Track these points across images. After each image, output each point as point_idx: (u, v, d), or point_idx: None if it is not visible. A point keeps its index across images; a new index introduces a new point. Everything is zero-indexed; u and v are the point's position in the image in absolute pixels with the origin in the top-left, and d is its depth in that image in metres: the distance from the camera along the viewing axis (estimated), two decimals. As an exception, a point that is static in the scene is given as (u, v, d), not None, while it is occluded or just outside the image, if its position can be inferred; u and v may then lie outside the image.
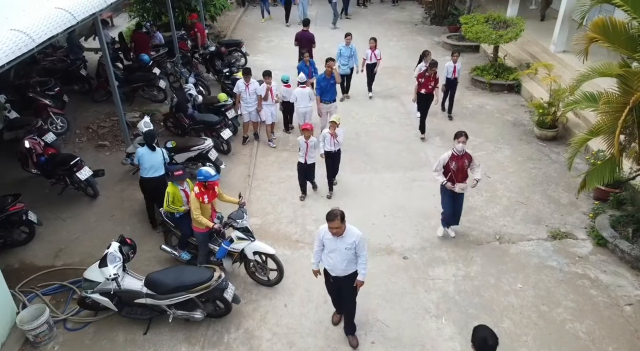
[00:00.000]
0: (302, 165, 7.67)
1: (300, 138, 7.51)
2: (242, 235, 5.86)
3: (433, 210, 7.57)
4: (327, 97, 9.22)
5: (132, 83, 11.01)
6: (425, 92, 9.34)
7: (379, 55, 11.22)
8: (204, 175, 5.75)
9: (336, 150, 7.75)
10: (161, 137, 9.80)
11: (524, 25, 11.71)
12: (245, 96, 9.12)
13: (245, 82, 9.09)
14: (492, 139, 9.71)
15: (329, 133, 7.49)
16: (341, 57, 10.98)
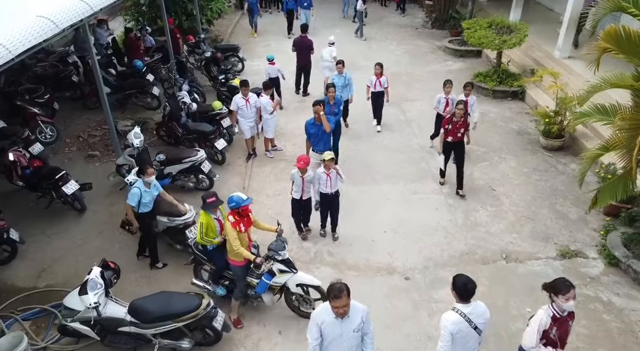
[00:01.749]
0: (297, 202, 6.82)
1: (294, 171, 6.55)
2: (283, 267, 5.33)
3: (435, 225, 7.25)
4: (319, 147, 7.57)
5: (124, 90, 10.69)
6: (453, 140, 7.65)
7: (385, 83, 9.57)
8: (235, 202, 5.17)
9: (333, 192, 6.63)
10: (154, 146, 9.51)
11: (528, 31, 11.39)
12: (246, 111, 8.57)
13: (244, 96, 8.53)
14: (496, 149, 9.37)
15: (324, 173, 6.46)
16: (337, 89, 9.07)
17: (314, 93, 12.21)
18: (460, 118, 7.47)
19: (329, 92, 8.26)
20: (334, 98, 8.27)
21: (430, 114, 10.92)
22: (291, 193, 6.79)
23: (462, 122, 7.56)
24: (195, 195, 8.04)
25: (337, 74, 9.46)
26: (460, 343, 4.02)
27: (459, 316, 3.97)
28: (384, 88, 9.62)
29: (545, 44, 12.72)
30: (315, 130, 7.49)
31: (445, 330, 3.96)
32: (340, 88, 9.23)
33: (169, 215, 7.01)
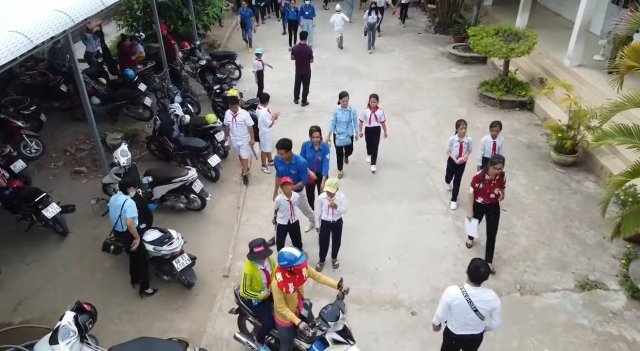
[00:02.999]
0: (284, 228, 6.20)
1: (279, 197, 5.98)
2: (338, 337, 4.55)
3: (443, 250, 6.76)
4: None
5: (115, 100, 10.21)
6: (485, 202, 6.12)
7: (381, 117, 8.20)
8: (287, 260, 4.47)
9: (336, 220, 6.16)
10: (144, 161, 9.04)
11: (536, 39, 10.90)
12: (232, 128, 8.03)
13: (232, 112, 7.96)
14: (506, 164, 8.71)
15: (327, 200, 5.95)
16: (337, 124, 8.12)
17: (313, 102, 11.74)
18: (495, 177, 5.93)
19: (313, 137, 6.92)
20: (318, 143, 6.94)
21: (435, 126, 10.51)
22: (274, 221, 6.27)
23: (497, 182, 6.01)
24: (186, 215, 7.59)
25: (341, 108, 8.07)
26: (460, 317, 4.31)
27: (459, 292, 4.23)
28: (380, 123, 8.26)
29: (553, 51, 12.24)
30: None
31: (442, 300, 4.35)
32: (344, 124, 8.05)
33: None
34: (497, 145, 7.15)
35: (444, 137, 9.95)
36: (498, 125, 7.14)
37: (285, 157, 6.39)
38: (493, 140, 7.16)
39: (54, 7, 6.32)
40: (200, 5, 14.59)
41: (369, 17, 14.42)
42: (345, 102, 8.07)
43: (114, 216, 5.66)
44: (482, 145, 7.29)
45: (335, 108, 8.21)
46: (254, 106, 9.58)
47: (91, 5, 7.08)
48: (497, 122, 7.20)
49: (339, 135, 8.16)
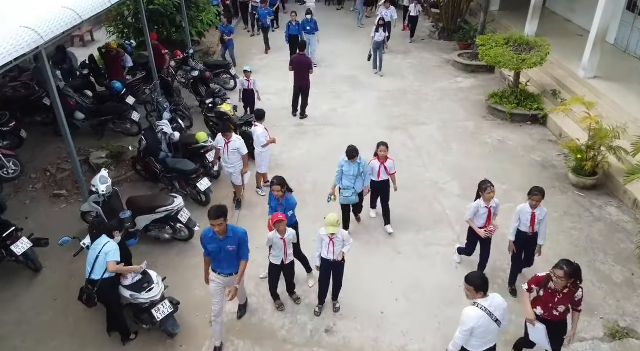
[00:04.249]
0: (277, 268, 5.60)
1: (272, 234, 5.38)
2: None
3: (456, 290, 6.07)
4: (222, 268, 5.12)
5: (100, 115, 9.56)
6: (545, 315, 4.56)
7: (391, 169, 6.89)
8: None
9: (337, 260, 5.45)
10: (130, 183, 8.41)
11: (549, 49, 10.27)
12: (224, 155, 7.37)
13: (226, 139, 7.27)
14: (520, 186, 8.21)
15: (328, 237, 5.30)
16: (344, 177, 6.69)
17: (313, 114, 11.10)
18: (563, 289, 4.36)
19: (273, 190, 5.77)
20: (281, 197, 5.80)
21: (442, 141, 9.85)
22: (269, 258, 5.63)
23: (566, 296, 4.39)
24: (172, 246, 6.93)
25: (348, 160, 6.63)
26: (480, 337, 4.13)
27: (480, 311, 4.04)
28: (389, 175, 6.95)
29: (566, 61, 11.60)
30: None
31: (466, 326, 4.06)
32: (351, 178, 6.66)
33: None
34: (538, 218, 5.62)
35: (452, 154, 9.35)
36: (540, 194, 5.53)
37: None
38: (532, 211, 5.59)
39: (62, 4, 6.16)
40: (195, 11, 13.96)
41: (376, 34, 12.88)
42: (354, 160, 6.59)
43: (90, 259, 5.02)
44: (516, 214, 5.73)
45: (341, 160, 6.72)
46: (249, 123, 8.95)
47: (98, 2, 6.88)
48: (538, 190, 5.58)
49: (345, 190, 6.73)
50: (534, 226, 5.65)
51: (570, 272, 4.27)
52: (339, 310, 5.80)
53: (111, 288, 5.07)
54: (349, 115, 11.17)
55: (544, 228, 5.75)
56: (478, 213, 5.86)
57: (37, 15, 5.73)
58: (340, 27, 17.64)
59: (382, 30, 12.91)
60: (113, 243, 5.00)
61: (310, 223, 7.46)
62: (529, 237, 5.76)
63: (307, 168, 8.98)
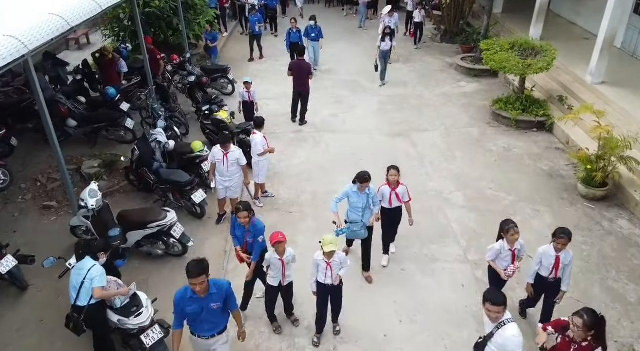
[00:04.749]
0: (275, 290, 5.29)
1: (270, 255, 5.07)
2: None
3: (463, 311, 5.81)
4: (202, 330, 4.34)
5: (93, 122, 9.27)
6: None
7: (404, 196, 6.11)
8: None
9: (334, 285, 5.08)
10: (122, 193, 8.12)
11: (556, 54, 9.97)
12: (221, 168, 6.93)
13: (224, 150, 6.90)
14: (527, 197, 7.94)
15: (325, 262, 4.93)
16: (350, 209, 5.94)
17: (312, 121, 10.81)
18: (581, 341, 3.89)
19: (239, 217, 5.20)
20: (247, 224, 5.26)
21: (445, 149, 9.55)
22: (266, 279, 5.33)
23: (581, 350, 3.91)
24: (165, 262, 6.63)
25: (356, 190, 5.83)
26: None
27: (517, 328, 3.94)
28: (403, 203, 6.20)
29: (572, 65, 11.30)
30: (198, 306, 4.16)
31: None
32: (359, 210, 5.85)
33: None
34: (563, 263, 4.92)
35: (456, 162, 9.06)
36: (567, 237, 4.82)
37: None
38: (556, 254, 4.90)
39: (49, 11, 5.86)
40: (192, 14, 13.67)
41: (382, 44, 12.16)
42: (364, 185, 5.76)
43: (74, 284, 4.72)
44: (538, 257, 5.04)
45: (347, 187, 5.87)
46: (247, 131, 8.66)
47: (87, 8, 6.54)
48: (564, 233, 4.84)
49: (352, 224, 5.88)
50: (557, 271, 4.97)
51: (591, 324, 3.76)
52: (340, 333, 5.50)
53: (99, 314, 4.78)
54: (350, 121, 10.89)
55: (569, 273, 5.03)
56: (500, 255, 5.17)
57: (21, 23, 5.44)
58: (340, 30, 17.36)
59: (389, 39, 12.27)
60: (98, 267, 4.71)
61: (310, 236, 7.20)
62: (550, 282, 5.05)
63: (306, 178, 8.69)
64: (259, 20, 14.43)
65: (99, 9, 6.76)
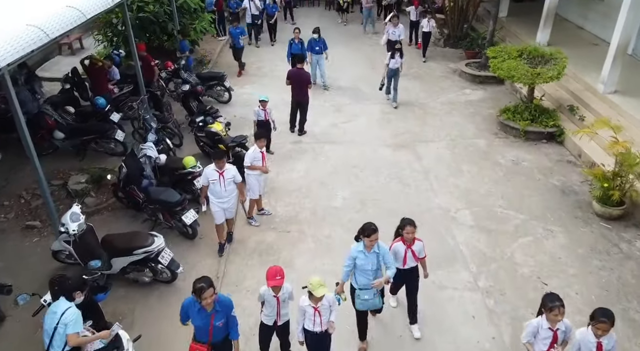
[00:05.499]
0: (268, 329, 4.81)
1: (264, 290, 4.59)
2: None
3: (475, 346, 5.36)
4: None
5: (81, 134, 8.82)
6: None
7: (420, 253, 5.26)
8: None
9: (323, 331, 4.56)
10: (110, 211, 7.68)
11: (566, 62, 9.53)
12: (218, 189, 6.37)
13: (218, 169, 6.33)
14: (539, 216, 7.49)
15: (312, 307, 4.45)
16: (358, 273, 4.93)
17: (311, 130, 10.38)
18: None
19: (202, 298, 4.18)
20: (211, 305, 4.29)
21: (451, 162, 9.09)
22: (260, 315, 4.87)
23: None
24: (152, 289, 6.17)
25: (362, 249, 4.84)
26: None
27: None
28: (418, 259, 5.31)
29: (582, 73, 10.85)
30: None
31: None
32: (369, 273, 4.87)
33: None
34: (605, 348, 4.18)
35: (462, 177, 8.62)
36: (609, 322, 4.07)
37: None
38: (597, 340, 4.14)
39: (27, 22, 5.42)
40: (188, 18, 13.24)
41: (391, 61, 10.90)
42: (372, 242, 4.74)
43: (47, 328, 4.28)
44: (576, 343, 4.25)
45: (353, 248, 4.90)
46: (243, 144, 8.23)
47: (69, 18, 6.10)
48: (606, 316, 4.09)
49: (362, 292, 4.92)
50: None
51: None
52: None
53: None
54: (351, 131, 10.44)
55: None
56: (538, 335, 4.27)
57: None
58: (339, 34, 16.90)
59: (399, 56, 10.88)
60: (73, 310, 4.26)
61: (309, 258, 6.78)
62: None
63: (305, 193, 8.25)
64: (242, 32, 13.31)
65: (84, 18, 6.32)
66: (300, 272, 6.43)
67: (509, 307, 5.83)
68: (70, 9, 6.23)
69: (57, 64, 14.15)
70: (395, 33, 12.73)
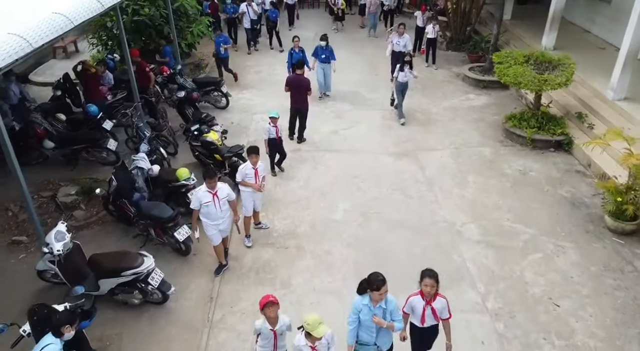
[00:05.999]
0: None
1: (260, 323, 4.28)
2: None
3: (483, 375, 5.03)
4: None
5: (71, 144, 8.50)
6: None
7: (443, 312, 4.48)
8: None
9: None
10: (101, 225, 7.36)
11: (575, 68, 9.21)
12: (212, 211, 5.91)
13: (211, 190, 5.83)
14: (548, 230, 7.16)
15: (309, 346, 4.05)
16: (361, 328, 4.36)
17: (311, 138, 10.05)
18: None
19: None
20: None
21: (456, 172, 8.77)
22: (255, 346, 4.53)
23: None
24: (142, 311, 5.84)
25: (368, 303, 4.24)
26: None
27: None
28: (442, 320, 4.54)
29: (590, 79, 10.52)
30: None
31: None
32: (372, 330, 4.33)
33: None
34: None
35: (468, 188, 8.30)
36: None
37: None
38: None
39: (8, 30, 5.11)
40: (184, 22, 12.93)
41: (400, 74, 10.14)
42: (381, 296, 4.15)
43: None
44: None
45: (357, 301, 4.31)
46: (240, 155, 7.91)
47: (55, 25, 5.77)
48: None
49: (362, 347, 4.44)
50: None
51: None
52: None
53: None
54: (352, 138, 10.12)
55: None
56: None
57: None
58: (339, 36, 16.60)
59: (409, 68, 10.10)
60: (53, 348, 3.90)
61: (308, 277, 6.47)
62: None
63: (304, 205, 7.93)
64: (225, 41, 12.46)
65: (70, 24, 5.99)
66: (298, 294, 6.13)
67: (520, 332, 5.50)
68: (56, 16, 5.91)
69: (51, 68, 13.84)
70: (400, 43, 11.90)
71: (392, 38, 12.09)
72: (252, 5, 14.75)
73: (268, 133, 8.10)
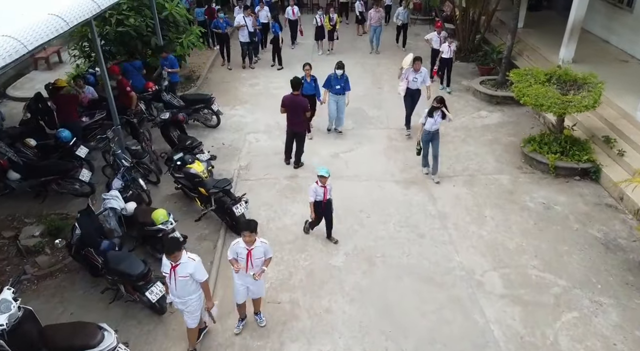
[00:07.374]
0: None
1: None
2: None
3: None
4: None
5: (39, 175, 7.56)
6: None
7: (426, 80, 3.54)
8: None
9: None
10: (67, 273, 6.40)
11: (603, 87, 8.26)
12: (169, 284, 4.83)
13: (172, 261, 4.68)
14: (583, 281, 6.21)
15: None
16: None
17: (309, 162, 9.10)
18: None
19: None
20: None
21: (472, 205, 7.82)
22: None
23: None
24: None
25: None
26: None
27: None
28: None
29: (616, 97, 9.57)
30: None
31: None
32: None
33: None
34: None
35: (486, 225, 7.36)
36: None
37: None
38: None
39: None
40: (174, 32, 12.02)
41: (428, 121, 8.10)
42: None
43: None
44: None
45: None
46: (227, 191, 6.96)
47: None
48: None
49: None
50: None
51: None
52: None
53: None
54: (354, 163, 9.18)
55: None
56: None
57: None
58: (340, 45, 15.64)
59: (439, 115, 8.08)
60: None
61: (304, 345, 5.50)
62: None
63: (300, 247, 6.98)
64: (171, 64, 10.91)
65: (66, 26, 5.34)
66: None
67: None
68: (52, 17, 5.30)
69: (32, 81, 12.91)
70: (418, 80, 9.81)
71: (407, 74, 9.87)
72: (251, 17, 13.67)
73: (314, 194, 6.62)
